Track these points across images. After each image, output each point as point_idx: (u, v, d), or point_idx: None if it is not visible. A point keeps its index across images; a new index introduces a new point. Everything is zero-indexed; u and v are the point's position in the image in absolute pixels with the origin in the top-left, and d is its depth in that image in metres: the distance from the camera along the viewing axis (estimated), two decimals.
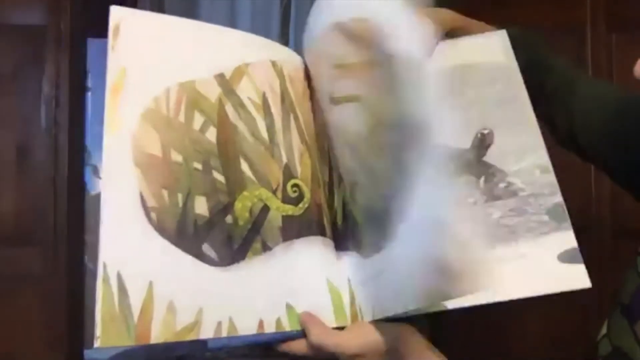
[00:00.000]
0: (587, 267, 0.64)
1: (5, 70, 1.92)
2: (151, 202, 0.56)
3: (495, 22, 0.77)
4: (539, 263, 0.60)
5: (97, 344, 0.51)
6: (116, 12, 0.60)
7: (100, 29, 0.61)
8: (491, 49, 0.70)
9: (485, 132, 0.65)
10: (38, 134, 1.91)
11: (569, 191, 0.70)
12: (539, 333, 1.86)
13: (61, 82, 1.90)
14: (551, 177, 0.63)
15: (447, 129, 0.65)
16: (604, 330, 0.70)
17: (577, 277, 0.59)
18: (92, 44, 0.61)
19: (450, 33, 0.72)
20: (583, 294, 0.63)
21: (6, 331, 1.85)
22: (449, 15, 0.72)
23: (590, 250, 0.65)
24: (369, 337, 0.61)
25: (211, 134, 0.62)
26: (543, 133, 0.70)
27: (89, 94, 0.60)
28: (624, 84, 0.79)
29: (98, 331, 0.51)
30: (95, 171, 0.56)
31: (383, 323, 0.61)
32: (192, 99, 0.61)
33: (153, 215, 0.56)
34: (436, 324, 0.63)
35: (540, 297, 0.60)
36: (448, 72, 0.69)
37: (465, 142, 0.65)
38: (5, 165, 1.91)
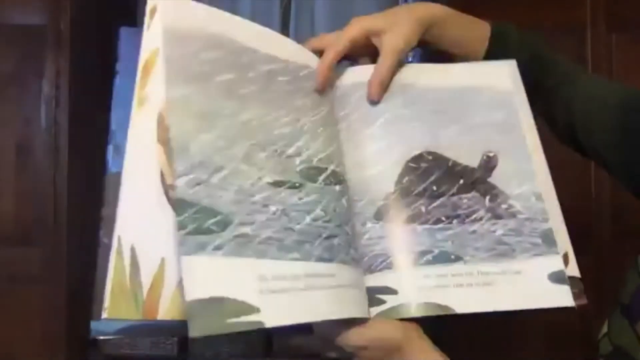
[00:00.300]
0: (587, 267, 0.65)
1: (5, 70, 1.92)
2: (171, 180, 0.56)
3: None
4: (531, 280, 0.64)
5: (104, 315, 0.51)
6: None
7: (101, 28, 0.62)
8: (500, 76, 0.73)
9: (491, 154, 0.69)
10: (38, 134, 1.91)
11: (569, 191, 0.70)
12: (539, 333, 1.87)
13: (61, 82, 1.90)
14: (543, 205, 0.67)
15: (458, 147, 0.68)
16: (604, 330, 0.70)
17: (563, 296, 0.64)
18: (123, 31, 0.62)
19: (441, 28, 0.72)
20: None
21: (6, 331, 1.85)
22: (440, 9, 0.72)
23: (590, 250, 0.66)
24: (374, 331, 0.61)
25: None
26: (544, 130, 0.70)
27: (117, 77, 0.60)
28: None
29: (106, 303, 0.51)
30: (117, 150, 0.57)
31: (389, 319, 0.62)
32: None
33: (172, 193, 0.56)
34: (438, 324, 0.64)
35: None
36: (457, 92, 0.72)
37: (473, 161, 0.68)
38: (5, 165, 1.91)
